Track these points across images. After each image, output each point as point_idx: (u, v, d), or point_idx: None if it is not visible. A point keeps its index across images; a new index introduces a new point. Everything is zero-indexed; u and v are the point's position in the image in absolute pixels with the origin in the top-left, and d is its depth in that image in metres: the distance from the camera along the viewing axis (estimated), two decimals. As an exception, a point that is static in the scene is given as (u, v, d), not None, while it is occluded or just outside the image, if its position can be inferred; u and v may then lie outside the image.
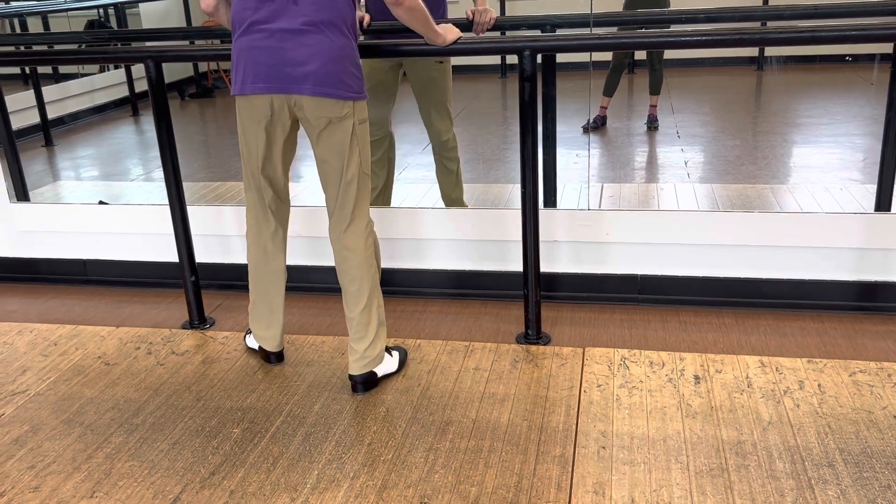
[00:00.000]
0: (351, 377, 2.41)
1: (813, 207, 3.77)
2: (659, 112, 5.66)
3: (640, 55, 6.20)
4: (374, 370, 2.42)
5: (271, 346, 2.57)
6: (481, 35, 2.91)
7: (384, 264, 3.07)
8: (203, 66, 8.01)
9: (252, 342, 2.67)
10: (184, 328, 2.92)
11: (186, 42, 7.17)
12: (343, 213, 2.32)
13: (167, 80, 2.73)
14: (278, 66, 2.16)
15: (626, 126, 5.85)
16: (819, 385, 2.32)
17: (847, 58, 7.25)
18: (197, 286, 2.90)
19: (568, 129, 5.49)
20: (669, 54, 5.85)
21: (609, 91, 5.62)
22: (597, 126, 5.63)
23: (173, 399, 2.43)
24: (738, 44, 2.24)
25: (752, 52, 7.49)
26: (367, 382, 2.41)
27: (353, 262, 2.34)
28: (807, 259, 2.80)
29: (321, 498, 1.95)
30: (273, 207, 2.41)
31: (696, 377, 2.39)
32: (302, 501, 1.94)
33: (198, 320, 2.93)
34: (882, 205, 2.99)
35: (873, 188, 3.05)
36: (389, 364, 2.48)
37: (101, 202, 3.70)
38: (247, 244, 2.48)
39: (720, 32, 2.32)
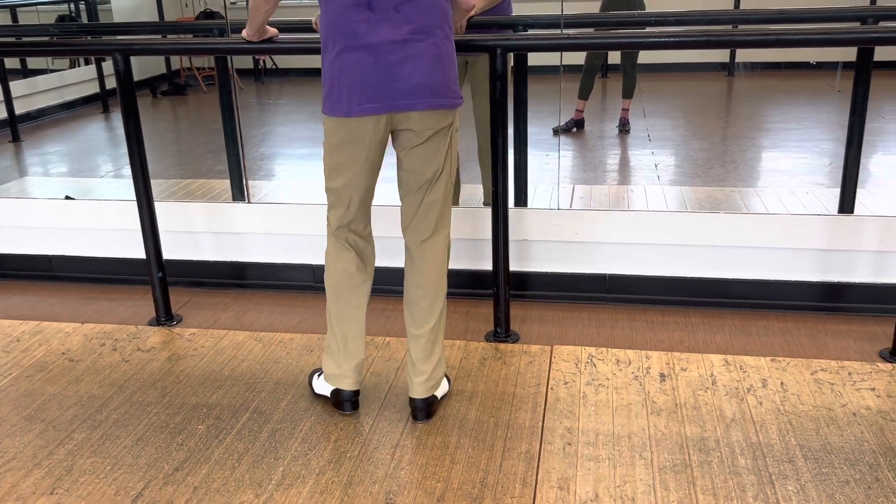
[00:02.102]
0: (413, 401, 2.22)
1: (779, 210, 3.82)
2: (631, 115, 5.71)
3: (614, 59, 6.25)
4: (436, 394, 2.25)
5: (350, 384, 2.25)
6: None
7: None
8: (175, 64, 7.95)
9: (323, 387, 2.34)
10: (150, 325, 2.89)
11: (158, 37, 7.10)
12: (426, 222, 2.16)
13: (139, 77, 2.71)
14: (387, 82, 1.98)
15: (599, 129, 5.89)
16: (782, 383, 2.35)
17: (812, 62, 7.38)
18: (164, 282, 2.88)
19: (543, 132, 5.53)
20: (643, 59, 5.90)
21: (584, 94, 5.65)
22: (569, 129, 5.66)
23: (138, 395, 2.40)
24: (704, 45, 2.27)
25: (723, 57, 7.60)
26: (430, 407, 2.23)
27: (431, 275, 2.19)
28: (772, 260, 2.84)
29: (286, 494, 1.94)
30: (365, 229, 2.21)
31: (662, 375, 2.41)
32: (266, 498, 1.93)
33: (165, 317, 2.90)
34: (845, 207, 3.05)
35: (839, 192, 3.10)
36: (444, 386, 2.32)
37: (67, 197, 3.65)
38: (329, 269, 2.22)
39: (687, 34, 2.35)
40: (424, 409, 2.23)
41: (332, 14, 2.00)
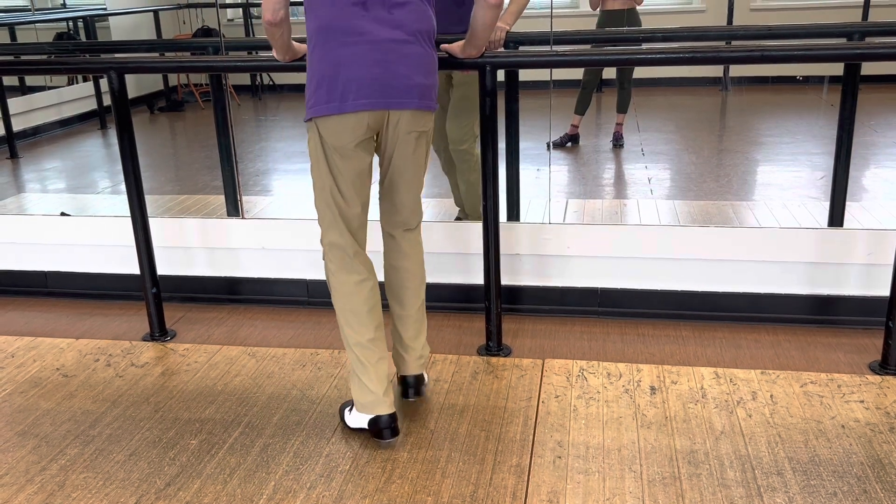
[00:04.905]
0: (405, 379, 2.33)
1: (771, 224, 3.84)
2: (625, 130, 5.75)
3: (610, 74, 6.30)
4: (424, 372, 2.37)
5: (387, 408, 2.16)
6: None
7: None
8: (173, 80, 7.99)
9: (358, 420, 2.21)
10: (144, 340, 2.90)
11: (156, 55, 7.15)
12: (414, 216, 2.26)
13: (137, 93, 2.74)
14: (385, 79, 2.02)
15: (593, 143, 5.92)
16: (771, 396, 2.37)
17: (798, 77, 7.43)
18: (158, 298, 2.89)
19: (537, 146, 5.56)
20: (637, 74, 5.95)
21: (580, 109, 5.68)
22: (564, 143, 5.69)
23: (131, 410, 2.41)
24: (690, 62, 2.30)
25: (717, 72, 7.64)
26: (420, 384, 2.34)
27: (417, 257, 2.28)
28: (762, 273, 2.86)
29: (277, 508, 1.95)
30: (362, 239, 2.18)
31: (653, 388, 2.43)
32: (257, 512, 1.94)
33: (159, 332, 2.91)
34: (835, 220, 3.07)
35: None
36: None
37: (63, 213, 3.66)
38: (341, 295, 2.15)
39: (673, 51, 2.38)
40: (415, 387, 2.33)
41: (325, 10, 2.02)
